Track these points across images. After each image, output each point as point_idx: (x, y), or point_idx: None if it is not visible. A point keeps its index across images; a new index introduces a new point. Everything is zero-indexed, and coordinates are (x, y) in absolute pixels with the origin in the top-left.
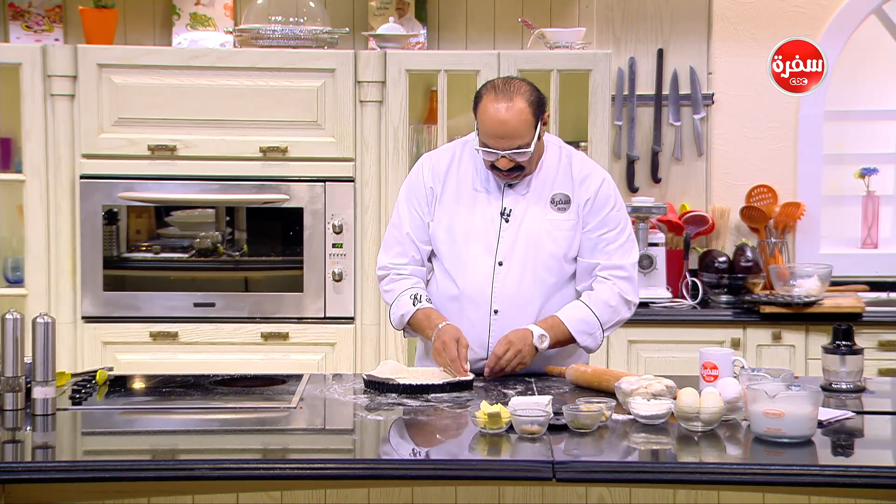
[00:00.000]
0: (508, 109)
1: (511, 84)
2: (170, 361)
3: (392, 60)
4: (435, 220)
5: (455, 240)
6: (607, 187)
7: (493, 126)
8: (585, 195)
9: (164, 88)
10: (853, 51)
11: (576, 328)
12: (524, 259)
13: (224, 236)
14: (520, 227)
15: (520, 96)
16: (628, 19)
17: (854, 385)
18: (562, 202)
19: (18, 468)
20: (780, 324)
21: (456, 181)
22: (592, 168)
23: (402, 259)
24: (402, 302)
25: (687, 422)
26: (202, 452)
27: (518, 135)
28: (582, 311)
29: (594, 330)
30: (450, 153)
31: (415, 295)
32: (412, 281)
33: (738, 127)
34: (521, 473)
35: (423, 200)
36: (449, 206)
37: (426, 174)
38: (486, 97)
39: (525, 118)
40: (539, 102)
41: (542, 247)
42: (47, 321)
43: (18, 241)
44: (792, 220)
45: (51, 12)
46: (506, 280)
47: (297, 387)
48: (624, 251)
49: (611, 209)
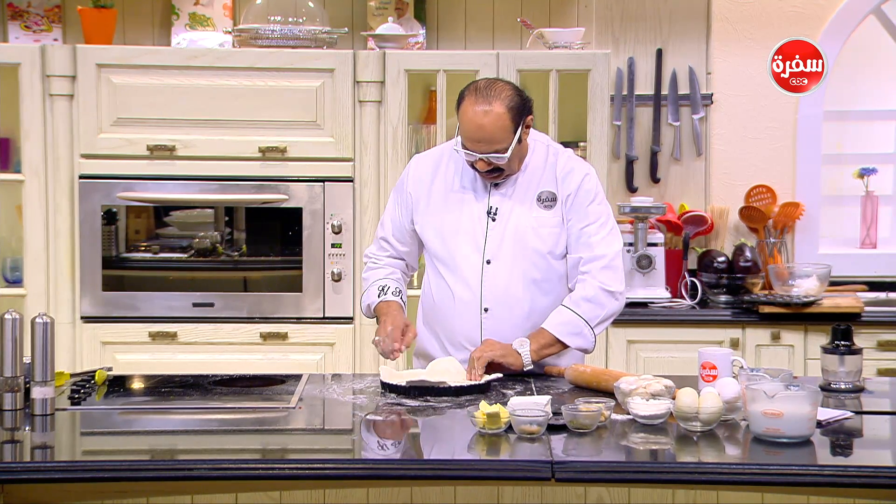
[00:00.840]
0: (486, 114)
1: (493, 87)
2: (169, 361)
3: (391, 60)
4: (424, 222)
5: (444, 240)
6: (588, 182)
7: (471, 130)
8: (567, 191)
9: (163, 88)
10: (852, 51)
11: (560, 331)
12: (512, 257)
13: (223, 236)
14: (506, 226)
15: (499, 101)
16: (627, 19)
17: (853, 385)
18: (548, 199)
19: (17, 468)
20: (779, 324)
21: (443, 182)
22: (575, 164)
23: (382, 252)
24: (370, 291)
25: (686, 422)
26: (201, 452)
27: (495, 140)
28: (564, 314)
29: (580, 329)
30: (437, 154)
31: (382, 287)
32: (386, 272)
33: (737, 127)
34: (520, 473)
35: (403, 204)
36: (437, 207)
37: (409, 178)
38: (467, 99)
39: (503, 124)
40: (520, 107)
41: (528, 244)
42: (46, 321)
43: (17, 241)
44: (791, 220)
45: (50, 12)
46: (495, 278)
47: (296, 387)
48: (606, 242)
49: (591, 202)
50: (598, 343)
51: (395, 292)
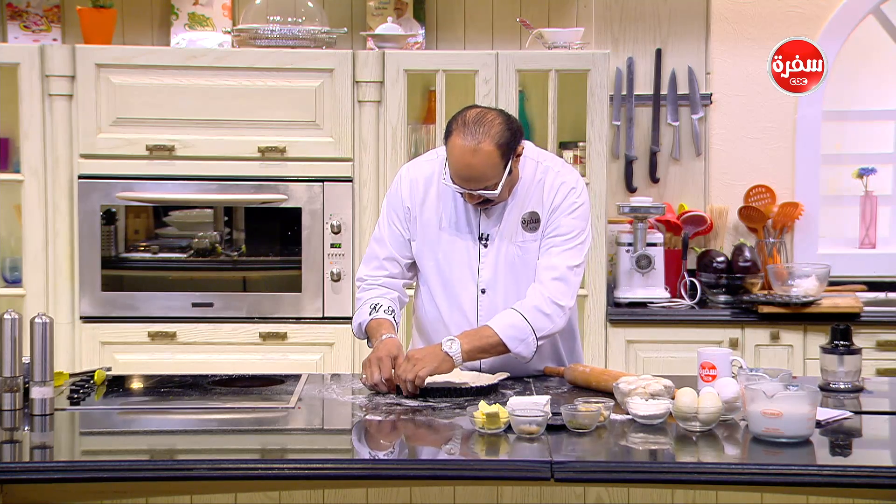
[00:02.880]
0: (475, 153)
1: (482, 123)
2: (168, 361)
3: (390, 60)
4: (419, 240)
5: (439, 265)
6: (572, 195)
7: (459, 168)
8: (550, 206)
9: (162, 88)
10: (851, 51)
11: (506, 333)
12: (506, 286)
13: (222, 236)
14: (497, 254)
15: (488, 139)
16: (626, 19)
17: (852, 385)
18: (532, 221)
19: (16, 468)
20: (779, 324)
21: (436, 202)
22: (565, 178)
23: (380, 272)
24: (362, 311)
25: (685, 422)
26: (200, 452)
27: (484, 178)
28: (513, 317)
29: (526, 336)
30: (429, 169)
31: (374, 305)
32: (380, 291)
33: (737, 127)
34: (520, 473)
35: (402, 217)
36: (431, 229)
37: (405, 192)
38: (455, 134)
39: (492, 162)
40: (510, 142)
41: (519, 272)
42: (45, 321)
43: (16, 241)
44: (790, 220)
45: (49, 12)
46: (489, 308)
47: (296, 387)
48: (566, 255)
49: (568, 214)
50: (598, 343)
51: (388, 311)
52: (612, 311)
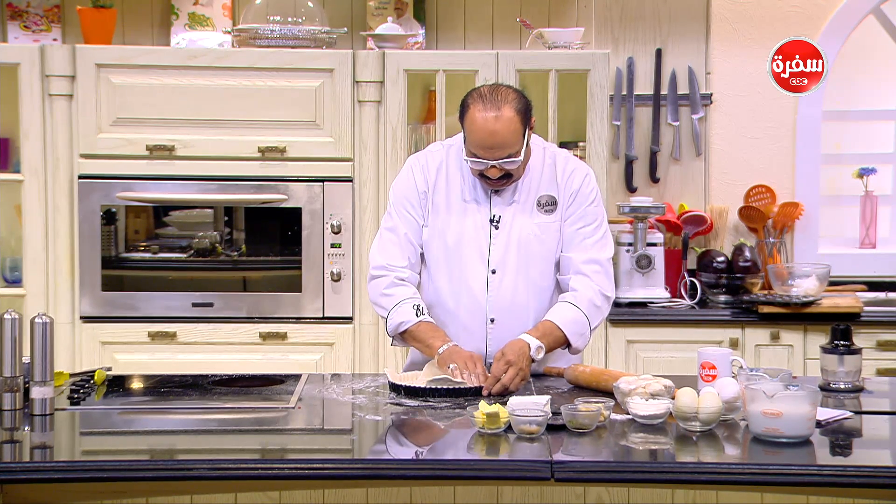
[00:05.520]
0: (497, 119)
1: (498, 92)
2: (168, 361)
3: (390, 60)
4: (430, 225)
5: (448, 249)
6: (589, 182)
7: (483, 137)
8: (569, 191)
9: (162, 88)
10: (851, 51)
11: (570, 329)
12: (517, 266)
13: (222, 236)
14: (510, 234)
15: (508, 105)
16: (627, 19)
17: (852, 385)
18: (548, 204)
19: (16, 468)
20: (779, 324)
21: (445, 189)
22: (576, 164)
23: (400, 261)
24: (403, 310)
25: (685, 422)
26: (200, 452)
27: (508, 144)
28: (573, 312)
29: (585, 330)
30: (437, 158)
31: (417, 306)
32: (412, 290)
33: (737, 127)
34: (520, 473)
35: (417, 203)
36: (440, 215)
37: (419, 178)
38: (474, 107)
39: (514, 127)
40: (526, 110)
41: (532, 252)
42: (45, 321)
43: (17, 241)
44: (790, 220)
45: (49, 12)
46: (500, 288)
47: (296, 387)
48: (600, 246)
49: (590, 204)
50: (598, 343)
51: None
52: (613, 311)
